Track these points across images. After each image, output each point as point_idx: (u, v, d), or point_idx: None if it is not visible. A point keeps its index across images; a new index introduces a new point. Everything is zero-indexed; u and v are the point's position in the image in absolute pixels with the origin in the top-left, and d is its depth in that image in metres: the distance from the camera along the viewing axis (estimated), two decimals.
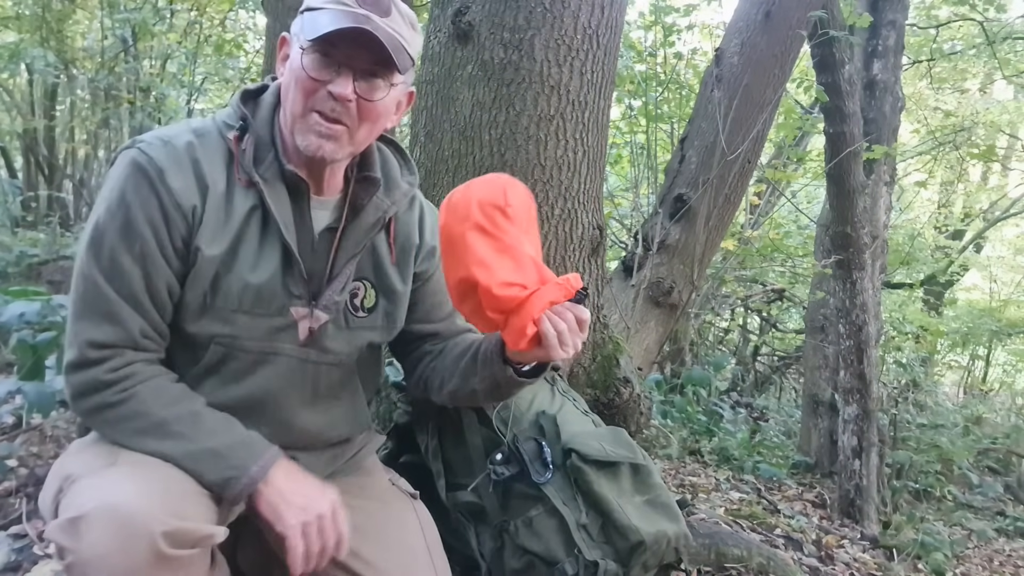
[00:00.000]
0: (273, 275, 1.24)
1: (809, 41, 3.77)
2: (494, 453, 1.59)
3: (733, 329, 8.93)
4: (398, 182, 1.38)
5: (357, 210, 1.32)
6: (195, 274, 1.20)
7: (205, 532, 1.09)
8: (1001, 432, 7.44)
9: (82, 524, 1.02)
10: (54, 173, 8.23)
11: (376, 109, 1.23)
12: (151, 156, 1.18)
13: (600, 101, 2.20)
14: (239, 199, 1.22)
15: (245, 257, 1.22)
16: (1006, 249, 12.33)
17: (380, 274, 1.37)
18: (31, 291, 2.61)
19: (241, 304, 1.23)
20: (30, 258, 5.58)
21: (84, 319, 1.18)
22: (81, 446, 1.23)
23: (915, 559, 3.64)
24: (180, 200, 1.17)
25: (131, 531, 1.01)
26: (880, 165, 4.76)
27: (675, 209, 3.21)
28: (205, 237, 1.19)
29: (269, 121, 1.26)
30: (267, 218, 1.23)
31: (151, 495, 1.07)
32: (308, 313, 1.28)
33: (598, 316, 2.28)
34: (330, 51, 1.18)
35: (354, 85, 1.19)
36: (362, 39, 1.16)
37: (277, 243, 1.24)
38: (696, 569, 2.25)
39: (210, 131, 1.24)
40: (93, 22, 8.01)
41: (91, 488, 1.08)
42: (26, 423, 2.64)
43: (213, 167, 1.21)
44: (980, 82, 10.88)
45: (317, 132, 1.20)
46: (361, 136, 1.25)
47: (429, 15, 2.35)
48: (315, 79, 1.18)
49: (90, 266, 1.18)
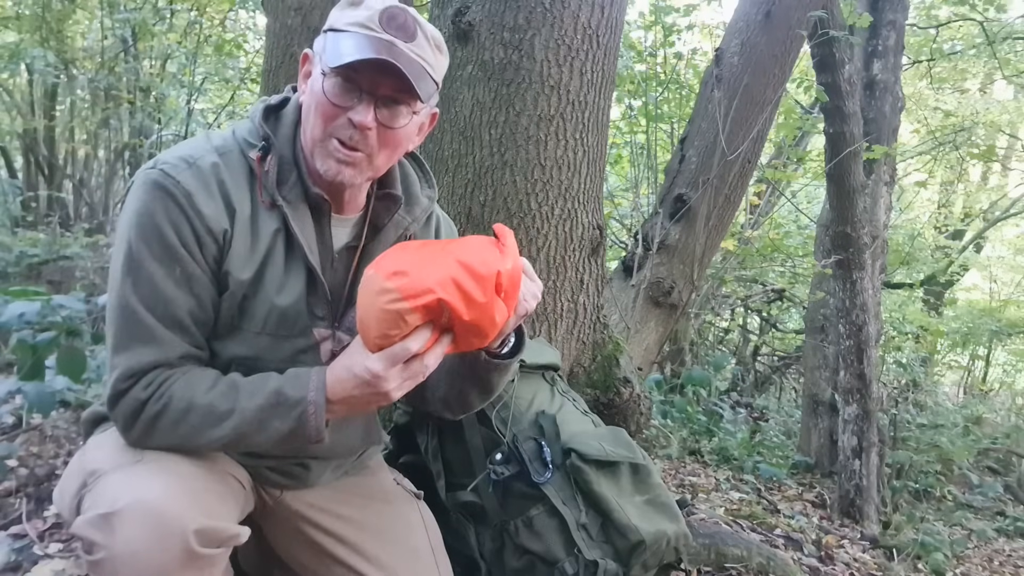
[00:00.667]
0: (298, 297, 1.23)
1: (809, 41, 3.77)
2: (494, 453, 1.60)
3: (733, 329, 8.93)
4: (419, 198, 1.36)
5: (377, 228, 1.31)
6: (227, 296, 1.19)
7: (233, 531, 1.10)
8: (1001, 432, 7.44)
9: (115, 520, 1.02)
10: (54, 173, 8.22)
11: (397, 136, 1.21)
12: (177, 179, 1.15)
13: (600, 101, 2.20)
14: (263, 221, 1.21)
15: (271, 280, 1.21)
16: (1006, 249, 12.32)
17: None
18: (31, 291, 2.61)
19: (265, 326, 1.22)
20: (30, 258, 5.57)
21: (121, 351, 1.15)
22: (101, 442, 1.22)
23: (915, 559, 3.64)
24: (211, 225, 1.15)
25: (165, 528, 1.02)
26: (880, 165, 4.76)
27: (675, 209, 3.21)
28: (235, 262, 1.18)
29: (291, 140, 1.24)
30: (290, 240, 1.22)
31: (184, 493, 1.07)
32: (331, 335, 1.27)
33: (598, 316, 2.28)
34: (352, 77, 1.15)
35: (375, 113, 1.16)
36: (385, 68, 1.13)
37: (301, 265, 1.23)
38: (696, 569, 2.25)
39: (231, 149, 1.22)
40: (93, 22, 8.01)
41: (122, 484, 1.08)
42: (26, 423, 2.64)
43: (238, 189, 1.19)
44: (980, 82, 10.87)
45: (336, 158, 1.18)
46: (381, 162, 1.23)
47: (429, 15, 2.35)
48: (336, 105, 1.16)
49: (128, 294, 1.14)
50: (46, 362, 2.41)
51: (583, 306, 2.20)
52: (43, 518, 2.08)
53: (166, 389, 1.14)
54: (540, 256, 2.09)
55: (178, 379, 1.15)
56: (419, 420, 1.74)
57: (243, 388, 1.16)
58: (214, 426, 1.13)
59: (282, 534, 1.41)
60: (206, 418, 1.13)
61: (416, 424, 1.75)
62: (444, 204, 2.14)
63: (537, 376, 1.76)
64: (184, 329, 1.17)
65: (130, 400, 1.14)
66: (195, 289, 1.16)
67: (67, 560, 1.87)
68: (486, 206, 2.08)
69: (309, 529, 1.39)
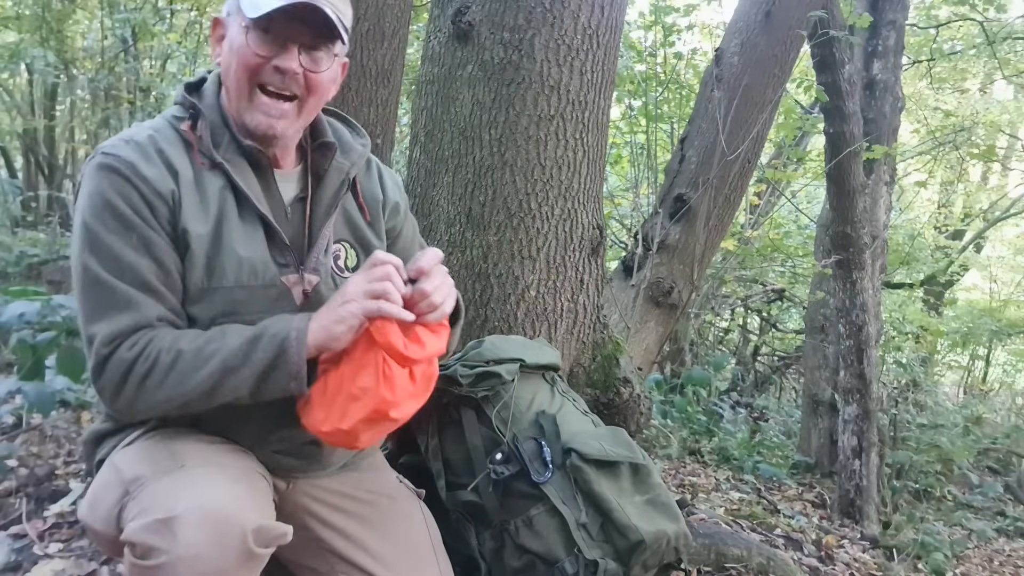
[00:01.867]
0: (260, 247, 1.27)
1: (809, 41, 3.77)
2: (494, 453, 1.59)
3: (733, 329, 8.93)
4: (352, 144, 1.42)
5: (320, 176, 1.36)
6: (190, 256, 1.21)
7: (282, 530, 1.11)
8: (1001, 432, 7.44)
9: (176, 524, 1.03)
10: (54, 173, 8.23)
11: (321, 80, 1.26)
12: (117, 154, 1.20)
13: (600, 101, 2.20)
14: (208, 181, 1.25)
15: (230, 233, 1.24)
16: (1006, 249, 12.33)
17: (357, 234, 1.41)
18: (31, 291, 2.61)
19: (238, 279, 1.24)
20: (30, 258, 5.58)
21: (97, 320, 1.17)
22: (132, 454, 1.22)
23: (915, 559, 3.64)
24: (158, 187, 1.19)
25: (227, 529, 1.03)
26: (880, 165, 4.76)
27: (675, 209, 3.21)
28: (189, 217, 1.21)
29: (216, 105, 1.29)
30: (239, 195, 1.26)
31: (238, 494, 1.10)
32: (299, 278, 1.30)
33: (598, 316, 2.28)
34: (271, 27, 1.21)
35: (299, 59, 1.22)
36: (303, 14, 1.19)
37: (255, 217, 1.27)
38: (696, 569, 2.25)
39: (163, 126, 1.27)
40: (93, 22, 8.01)
41: (175, 489, 1.09)
42: (26, 423, 2.64)
43: (176, 156, 1.24)
44: (980, 82, 10.88)
45: (265, 112, 1.24)
46: (309, 108, 1.29)
47: (429, 15, 2.35)
48: (260, 55, 1.21)
49: (92, 266, 1.17)
50: (46, 362, 2.41)
51: (583, 306, 2.20)
52: (43, 518, 2.08)
53: (153, 347, 1.16)
54: (540, 256, 2.09)
55: (164, 336, 1.18)
56: (419, 420, 1.74)
57: (231, 329, 1.19)
58: (201, 367, 1.15)
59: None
60: (194, 360, 1.15)
61: (416, 424, 1.74)
62: (444, 204, 2.14)
63: (537, 376, 1.76)
64: (155, 292, 1.19)
65: (116, 362, 1.16)
66: (154, 253, 1.19)
67: (67, 560, 1.87)
68: (486, 206, 2.08)
69: (314, 524, 1.39)
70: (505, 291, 2.07)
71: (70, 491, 2.21)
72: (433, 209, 2.15)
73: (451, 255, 2.10)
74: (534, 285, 2.09)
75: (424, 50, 2.31)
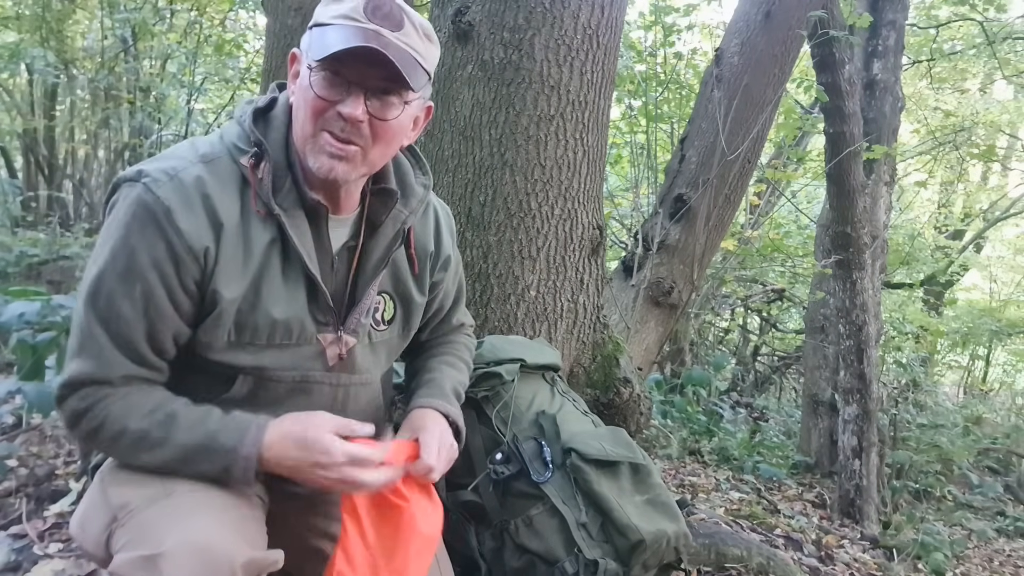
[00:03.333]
0: (299, 305, 1.20)
1: (809, 41, 3.77)
2: (494, 452, 1.60)
3: (733, 329, 8.93)
4: (414, 188, 1.33)
5: (375, 226, 1.28)
6: (215, 316, 1.15)
7: (272, 559, 1.09)
8: (1001, 432, 7.44)
9: (162, 561, 0.99)
10: (54, 173, 8.23)
11: (390, 129, 1.17)
12: (157, 195, 1.10)
13: (600, 101, 2.20)
14: (256, 232, 1.16)
15: (269, 293, 1.17)
16: (1006, 249, 12.33)
17: (400, 288, 1.35)
18: (31, 291, 2.61)
19: (270, 340, 1.19)
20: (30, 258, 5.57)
21: (72, 358, 1.14)
22: (120, 476, 1.18)
23: (915, 559, 3.64)
24: (191, 243, 1.11)
25: (214, 565, 1.00)
26: (880, 165, 4.76)
27: (675, 209, 3.21)
28: (222, 279, 1.14)
29: (283, 143, 1.20)
30: (287, 249, 1.18)
31: (226, 525, 1.06)
32: (336, 338, 1.25)
33: (598, 316, 2.28)
34: (339, 69, 1.12)
35: (365, 105, 1.13)
36: (372, 57, 1.10)
37: (300, 274, 1.20)
38: (696, 569, 2.25)
39: (220, 156, 1.17)
40: (93, 22, 8.01)
41: (162, 522, 1.06)
42: (26, 423, 2.64)
43: (225, 199, 1.14)
44: (980, 82, 10.88)
45: (328, 153, 1.14)
46: (375, 156, 1.19)
47: (429, 15, 2.35)
48: (323, 99, 1.13)
49: (87, 306, 1.13)
50: (46, 362, 2.40)
51: (583, 306, 2.20)
52: (43, 518, 2.08)
53: (102, 409, 1.13)
54: (540, 256, 2.09)
55: (116, 401, 1.13)
56: None
57: (181, 420, 1.13)
58: (145, 452, 1.12)
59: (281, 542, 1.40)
60: (139, 443, 1.12)
61: None
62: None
63: (537, 376, 1.76)
64: (133, 351, 1.13)
65: (67, 409, 1.14)
66: (151, 313, 1.12)
67: (67, 560, 1.87)
68: (486, 206, 2.08)
69: (309, 535, 1.38)
70: (505, 291, 2.07)
71: (70, 491, 2.20)
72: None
73: None
74: (534, 285, 2.09)
75: None
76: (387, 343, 1.36)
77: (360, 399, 1.34)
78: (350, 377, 1.30)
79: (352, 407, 1.32)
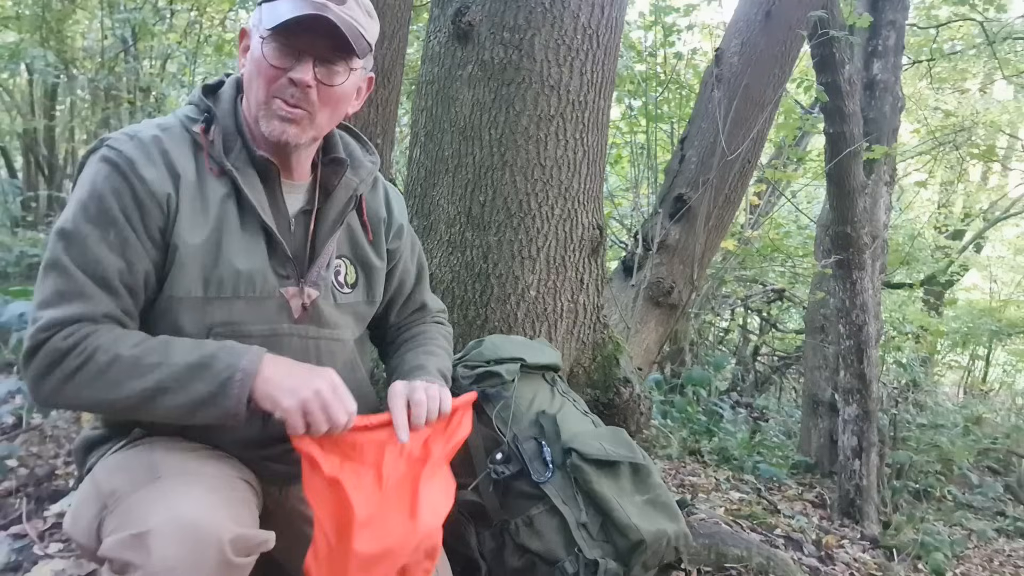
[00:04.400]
0: (260, 258, 1.26)
1: (809, 41, 3.77)
2: (494, 452, 1.60)
3: (733, 329, 8.93)
4: (362, 161, 1.42)
5: (328, 191, 1.36)
6: (180, 264, 1.20)
7: (262, 538, 1.10)
8: (1001, 432, 7.44)
9: (150, 538, 1.01)
10: (54, 173, 8.23)
11: (336, 94, 1.27)
12: (119, 149, 1.19)
13: (600, 101, 2.20)
14: (212, 188, 1.24)
15: (229, 244, 1.23)
16: (1006, 249, 12.33)
17: (358, 251, 1.42)
18: (31, 291, 2.61)
19: (235, 291, 1.24)
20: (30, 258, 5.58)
21: (44, 306, 1.14)
22: (110, 465, 1.22)
23: (915, 559, 3.64)
24: (154, 189, 1.18)
25: (201, 541, 1.02)
26: (880, 165, 4.76)
27: (675, 209, 3.21)
28: (184, 226, 1.20)
29: (232, 112, 1.30)
30: (243, 204, 1.25)
31: (214, 504, 1.07)
32: (298, 291, 1.30)
33: (598, 316, 2.28)
34: (289, 39, 1.21)
35: (314, 71, 1.22)
36: (320, 26, 1.19)
37: (258, 227, 1.26)
38: (696, 569, 2.25)
39: (174, 125, 1.26)
40: (93, 22, 8.01)
41: (149, 502, 1.08)
42: (26, 423, 2.64)
43: (182, 157, 1.23)
44: (980, 82, 10.88)
45: (280, 117, 1.23)
46: (322, 120, 1.28)
47: (429, 15, 2.35)
48: (276, 67, 1.22)
49: (59, 253, 1.15)
50: None
51: (583, 306, 2.20)
52: (43, 518, 2.08)
53: (90, 342, 1.13)
54: (540, 256, 2.09)
55: (103, 334, 1.15)
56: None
57: (176, 345, 1.16)
58: (136, 378, 1.12)
59: (280, 537, 1.41)
60: (131, 370, 1.12)
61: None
62: (444, 204, 2.14)
63: (537, 376, 1.76)
64: (113, 291, 1.17)
65: (49, 350, 1.12)
66: (127, 254, 1.17)
67: (67, 560, 1.87)
68: (486, 206, 2.08)
69: (309, 529, 1.38)
70: (505, 291, 2.07)
71: (70, 491, 2.21)
72: (433, 209, 2.15)
73: (451, 255, 2.10)
74: (534, 285, 2.09)
75: (424, 50, 2.31)
76: (353, 307, 1.41)
77: (335, 357, 1.36)
78: (319, 331, 1.34)
79: (328, 363, 1.33)
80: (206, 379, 1.13)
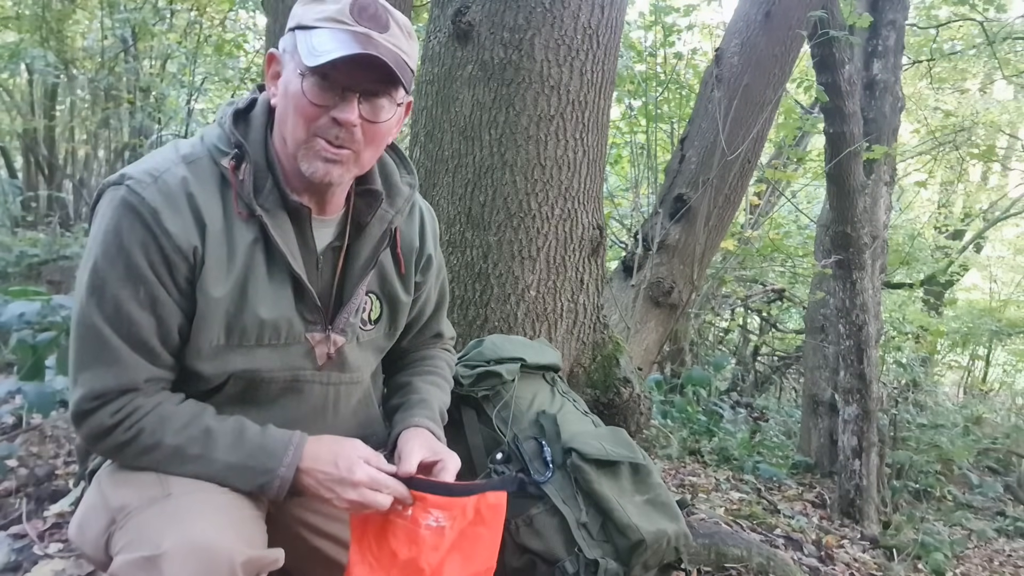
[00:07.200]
0: (287, 305, 1.20)
1: (809, 41, 3.77)
2: (494, 452, 1.60)
3: (733, 329, 8.92)
4: (399, 187, 1.32)
5: (361, 226, 1.27)
6: (202, 316, 1.15)
7: (272, 557, 1.10)
8: (1001, 432, 7.44)
9: (163, 562, 1.00)
10: (54, 173, 8.23)
11: (381, 131, 1.17)
12: (143, 196, 1.10)
13: (600, 101, 2.20)
14: (239, 233, 1.16)
15: (255, 293, 1.17)
16: (1006, 249, 12.33)
17: (386, 286, 1.35)
18: (31, 291, 2.61)
19: (259, 340, 1.19)
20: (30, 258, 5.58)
21: (85, 369, 1.13)
22: (118, 477, 1.18)
23: (915, 559, 3.64)
24: (179, 243, 1.11)
25: (213, 564, 1.01)
26: (880, 165, 4.76)
27: (675, 209, 3.21)
28: (209, 279, 1.13)
29: (263, 143, 1.19)
30: (270, 249, 1.18)
31: (225, 526, 1.06)
32: (324, 337, 1.25)
33: (598, 316, 2.28)
34: (330, 74, 1.10)
35: (359, 109, 1.12)
36: (365, 62, 1.09)
37: (286, 274, 1.19)
38: (696, 569, 2.25)
39: (201, 157, 1.16)
40: (93, 22, 8.01)
41: (161, 522, 1.06)
42: (26, 423, 2.64)
43: (209, 200, 1.14)
44: (980, 82, 10.88)
45: (323, 158, 1.14)
46: (366, 158, 1.19)
47: (429, 15, 2.35)
48: (317, 105, 1.11)
49: (92, 313, 1.11)
50: (46, 362, 2.40)
51: (583, 306, 2.20)
52: (43, 518, 2.08)
53: (136, 421, 1.13)
54: (540, 256, 2.09)
55: (150, 412, 1.14)
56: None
57: (218, 438, 1.15)
58: (178, 465, 1.13)
59: (281, 542, 1.40)
60: (172, 457, 1.13)
61: None
62: (444, 204, 2.14)
63: (537, 376, 1.76)
64: (150, 351, 1.14)
65: (96, 423, 1.13)
66: (159, 311, 1.13)
67: (67, 560, 1.87)
68: (486, 206, 2.08)
69: (308, 535, 1.38)
70: (505, 291, 2.07)
71: (70, 491, 2.20)
72: (433, 209, 2.15)
73: (451, 255, 2.10)
74: (534, 285, 2.09)
75: (424, 50, 2.31)
76: (373, 342, 1.36)
77: (351, 398, 1.35)
78: (340, 376, 1.30)
79: (344, 406, 1.33)
80: (245, 480, 1.14)
